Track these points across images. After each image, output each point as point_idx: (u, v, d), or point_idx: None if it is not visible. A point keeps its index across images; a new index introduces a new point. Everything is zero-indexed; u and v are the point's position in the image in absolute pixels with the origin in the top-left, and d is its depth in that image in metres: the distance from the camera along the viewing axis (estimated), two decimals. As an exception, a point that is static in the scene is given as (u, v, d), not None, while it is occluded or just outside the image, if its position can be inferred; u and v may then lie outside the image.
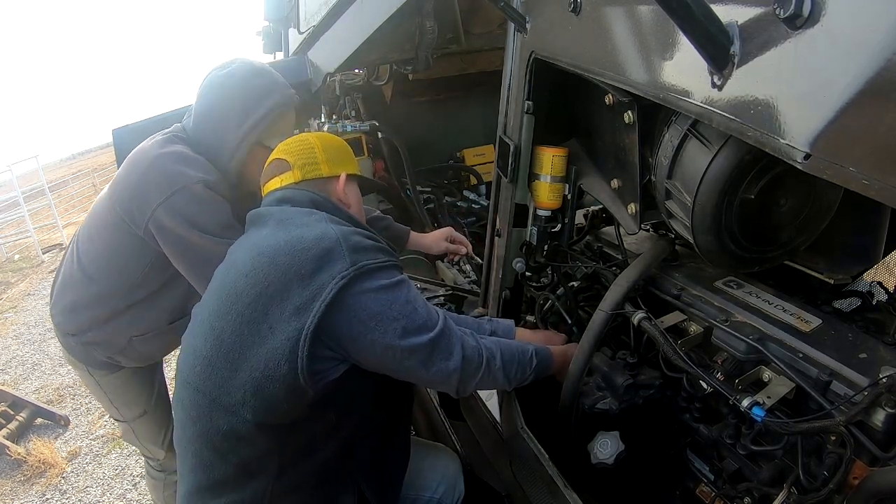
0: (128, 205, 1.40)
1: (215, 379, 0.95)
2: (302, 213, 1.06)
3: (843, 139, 0.55)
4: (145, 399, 1.78)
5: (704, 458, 1.11)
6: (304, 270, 0.93)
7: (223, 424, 0.95)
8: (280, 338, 0.91)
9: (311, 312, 0.91)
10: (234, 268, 1.01)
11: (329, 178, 1.17)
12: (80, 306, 1.55)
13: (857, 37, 0.53)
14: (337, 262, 0.94)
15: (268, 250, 0.97)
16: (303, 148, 1.18)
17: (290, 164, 1.15)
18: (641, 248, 1.30)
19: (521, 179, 1.26)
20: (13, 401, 3.32)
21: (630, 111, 1.00)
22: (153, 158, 1.39)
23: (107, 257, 1.50)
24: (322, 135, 1.25)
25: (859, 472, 0.78)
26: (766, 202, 0.92)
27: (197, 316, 1.06)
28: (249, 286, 0.95)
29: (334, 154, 1.20)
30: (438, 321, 1.03)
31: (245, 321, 0.94)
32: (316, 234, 0.97)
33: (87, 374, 1.68)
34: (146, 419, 1.81)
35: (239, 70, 1.48)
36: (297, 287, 0.92)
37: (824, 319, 0.93)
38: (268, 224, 1.05)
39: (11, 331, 4.71)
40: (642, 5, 0.81)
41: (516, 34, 1.17)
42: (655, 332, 0.99)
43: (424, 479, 1.33)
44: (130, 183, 1.41)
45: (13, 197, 6.90)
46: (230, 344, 0.94)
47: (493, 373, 1.09)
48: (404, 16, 1.83)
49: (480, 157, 3.03)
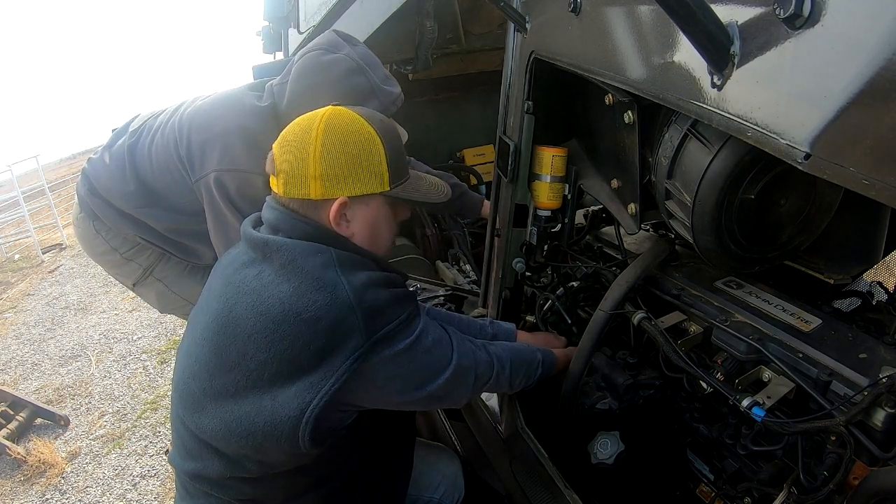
0: (195, 150, 1.44)
1: (213, 431, 0.90)
2: (306, 253, 0.88)
3: (843, 139, 0.55)
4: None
5: (704, 458, 1.11)
6: (313, 346, 0.83)
7: (225, 472, 0.93)
8: (282, 413, 0.83)
9: (319, 392, 0.83)
10: (233, 316, 0.88)
11: (321, 202, 0.91)
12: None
13: (856, 37, 0.53)
14: (351, 336, 0.84)
15: (273, 311, 0.84)
16: (295, 148, 0.90)
17: (276, 167, 0.92)
18: (641, 248, 1.29)
19: (521, 179, 1.26)
20: (13, 401, 3.32)
21: (630, 111, 1.00)
22: (238, 127, 1.40)
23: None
24: (334, 125, 0.91)
25: (859, 472, 0.78)
26: (765, 202, 0.92)
27: (191, 356, 0.94)
28: (253, 350, 0.85)
29: (336, 166, 0.89)
30: (453, 355, 0.98)
31: (248, 385, 0.86)
32: (326, 298, 0.84)
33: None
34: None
35: (342, 63, 1.39)
36: (306, 361, 0.83)
37: (824, 319, 0.93)
38: (270, 262, 0.89)
39: (11, 331, 4.71)
40: (642, 5, 0.81)
41: (516, 34, 1.17)
42: (655, 332, 0.99)
43: (424, 479, 1.32)
44: (208, 131, 1.44)
45: (13, 197, 6.89)
46: (230, 404, 0.87)
47: (500, 383, 1.10)
48: (404, 16, 1.83)
49: (480, 157, 3.03)
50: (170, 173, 1.53)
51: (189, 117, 1.52)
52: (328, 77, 1.40)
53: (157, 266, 1.79)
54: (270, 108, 1.49)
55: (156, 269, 1.79)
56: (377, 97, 1.41)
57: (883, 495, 0.70)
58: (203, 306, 0.99)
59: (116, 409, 3.34)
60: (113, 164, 1.60)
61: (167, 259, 1.79)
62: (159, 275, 1.80)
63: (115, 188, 1.59)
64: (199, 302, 1.03)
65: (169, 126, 1.54)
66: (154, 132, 1.58)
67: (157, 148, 1.55)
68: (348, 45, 1.45)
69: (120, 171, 1.58)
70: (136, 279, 1.81)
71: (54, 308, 5.03)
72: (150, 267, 1.79)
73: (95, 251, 1.77)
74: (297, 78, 1.44)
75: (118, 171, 1.58)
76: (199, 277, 1.83)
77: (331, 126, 0.91)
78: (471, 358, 1.03)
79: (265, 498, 0.97)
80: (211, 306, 0.94)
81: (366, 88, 1.40)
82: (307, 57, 1.44)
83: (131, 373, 3.72)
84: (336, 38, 1.46)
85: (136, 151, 1.58)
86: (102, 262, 1.81)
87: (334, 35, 1.48)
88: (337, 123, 0.92)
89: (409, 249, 2.54)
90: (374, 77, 1.42)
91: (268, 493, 0.96)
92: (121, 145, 1.62)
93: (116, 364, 3.86)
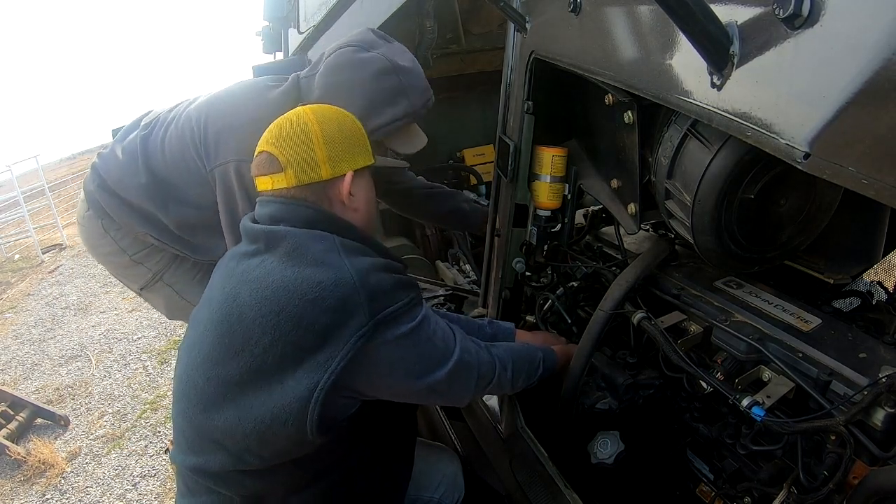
0: (211, 138, 1.42)
1: (217, 423, 0.90)
2: (309, 240, 0.92)
3: (842, 139, 0.55)
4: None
5: (704, 457, 1.11)
6: (318, 325, 0.84)
7: (227, 464, 0.93)
8: (290, 395, 0.85)
9: (326, 371, 0.84)
10: (238, 303, 0.90)
11: (330, 181, 0.99)
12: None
13: (856, 37, 0.53)
14: (355, 314, 0.86)
15: (277, 294, 0.86)
16: (298, 141, 0.97)
17: (282, 163, 0.97)
18: (641, 248, 1.29)
19: (521, 179, 1.26)
20: (13, 401, 3.32)
21: (630, 111, 1.00)
22: (258, 117, 1.34)
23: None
24: (324, 114, 1.01)
25: (859, 472, 0.78)
26: (765, 202, 0.92)
27: (194, 349, 0.95)
28: (258, 334, 0.86)
29: (339, 146, 0.99)
30: (455, 348, 1.00)
31: (254, 370, 0.87)
32: (330, 279, 0.86)
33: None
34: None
35: (376, 62, 1.37)
36: (311, 342, 0.85)
37: (824, 319, 0.93)
38: (274, 251, 0.92)
39: (11, 331, 4.71)
40: (642, 5, 0.81)
41: (516, 34, 1.17)
42: (655, 332, 0.99)
43: (424, 479, 1.32)
44: (226, 120, 1.42)
45: (13, 197, 6.89)
46: (236, 391, 0.88)
47: (502, 385, 1.11)
48: (404, 16, 1.83)
49: (480, 157, 3.03)
50: (184, 162, 1.50)
51: (207, 105, 1.49)
52: (360, 75, 1.38)
53: (168, 271, 1.75)
54: (294, 102, 1.45)
55: (166, 273, 1.75)
56: (408, 98, 1.40)
57: (883, 495, 0.70)
58: (205, 302, 1.00)
59: (116, 409, 3.34)
60: (125, 157, 1.57)
61: (178, 264, 1.75)
62: (169, 280, 1.76)
63: (127, 181, 1.56)
64: (201, 301, 1.03)
65: (184, 116, 1.51)
66: (168, 124, 1.55)
67: (171, 138, 1.52)
68: (384, 43, 1.44)
69: (132, 163, 1.55)
70: (144, 283, 1.77)
71: (54, 308, 5.04)
72: (161, 272, 1.74)
73: (101, 251, 1.72)
74: (329, 73, 1.42)
75: (130, 163, 1.55)
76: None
77: (321, 116, 1.01)
78: (473, 356, 1.04)
79: (266, 493, 0.98)
80: (214, 299, 0.96)
81: (397, 89, 1.39)
82: (340, 52, 1.42)
83: (131, 373, 3.73)
84: (372, 36, 1.44)
85: (148, 143, 1.55)
86: (108, 263, 1.76)
87: (370, 33, 1.46)
88: (325, 113, 1.03)
89: (409, 249, 2.54)
90: (405, 79, 1.40)
91: (269, 487, 0.97)
92: (133, 139, 1.59)
93: (116, 364, 3.86)
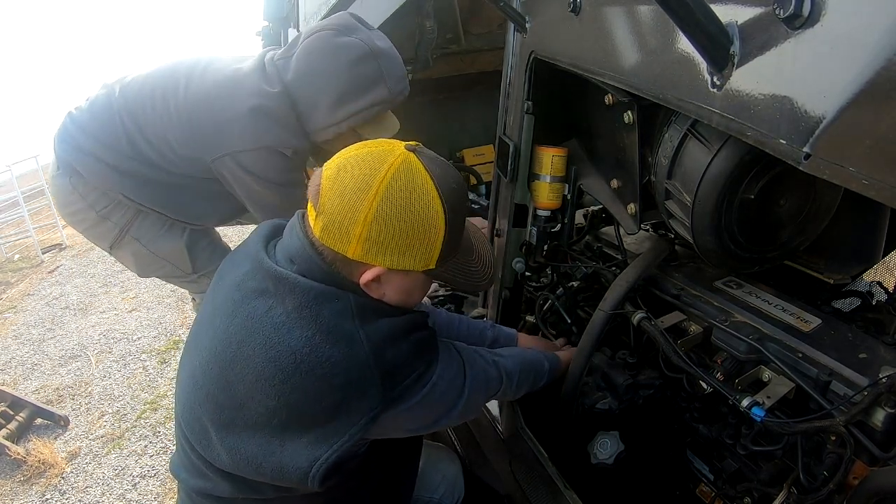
0: (209, 133, 1.40)
1: (223, 459, 0.86)
2: (322, 298, 0.82)
3: (842, 139, 0.55)
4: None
5: (704, 458, 1.11)
6: (326, 402, 0.79)
7: (237, 493, 0.91)
8: (289, 461, 0.81)
9: (330, 447, 0.80)
10: (242, 354, 0.83)
11: (353, 262, 0.82)
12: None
13: (856, 37, 0.53)
14: (367, 396, 0.80)
15: (284, 360, 0.79)
16: (348, 199, 0.78)
17: (320, 205, 0.81)
18: (641, 248, 1.29)
19: (521, 179, 1.26)
20: (13, 401, 3.31)
21: (630, 111, 1.00)
22: (250, 109, 1.34)
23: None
24: (399, 186, 0.78)
25: (859, 472, 0.78)
26: (765, 202, 0.92)
27: (197, 379, 0.89)
28: (262, 396, 0.81)
29: (385, 237, 0.78)
30: (465, 389, 0.96)
31: (257, 426, 0.82)
32: (341, 354, 0.79)
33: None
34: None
35: (355, 48, 1.34)
36: (318, 413, 0.80)
37: (824, 319, 0.93)
38: (282, 300, 0.83)
39: (11, 331, 4.70)
40: (642, 5, 0.81)
41: (516, 34, 1.17)
42: (655, 332, 0.99)
43: (425, 479, 1.32)
44: (220, 116, 1.40)
45: (13, 197, 6.88)
46: (239, 441, 0.84)
47: (505, 394, 1.11)
48: (404, 16, 1.83)
49: (480, 157, 3.03)
50: (188, 152, 1.47)
51: (196, 98, 1.44)
52: (338, 60, 1.36)
53: (134, 224, 1.66)
54: (259, 81, 1.44)
55: (132, 227, 1.66)
56: (386, 85, 1.38)
57: (883, 495, 0.70)
58: (208, 321, 0.92)
59: (116, 410, 3.34)
60: (104, 117, 1.50)
61: (144, 216, 1.65)
62: (136, 233, 1.67)
63: (106, 140, 1.49)
64: (203, 314, 0.96)
65: (174, 106, 1.46)
66: (155, 102, 1.48)
67: (158, 127, 1.46)
68: (364, 28, 1.41)
69: (112, 123, 1.49)
70: (112, 240, 1.69)
71: (54, 308, 5.03)
72: (127, 226, 1.66)
73: (70, 210, 1.64)
74: (305, 55, 1.39)
75: (109, 123, 1.49)
76: (177, 234, 1.71)
77: (394, 189, 0.78)
78: (482, 381, 1.02)
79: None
80: (217, 329, 0.88)
81: (375, 76, 1.36)
82: (318, 36, 1.38)
83: (131, 373, 3.72)
84: (351, 20, 1.41)
85: (137, 120, 1.48)
86: (77, 222, 1.68)
87: (349, 17, 1.43)
88: (402, 186, 0.78)
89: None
90: (384, 65, 1.38)
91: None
92: (108, 105, 1.51)
93: (116, 364, 3.86)
